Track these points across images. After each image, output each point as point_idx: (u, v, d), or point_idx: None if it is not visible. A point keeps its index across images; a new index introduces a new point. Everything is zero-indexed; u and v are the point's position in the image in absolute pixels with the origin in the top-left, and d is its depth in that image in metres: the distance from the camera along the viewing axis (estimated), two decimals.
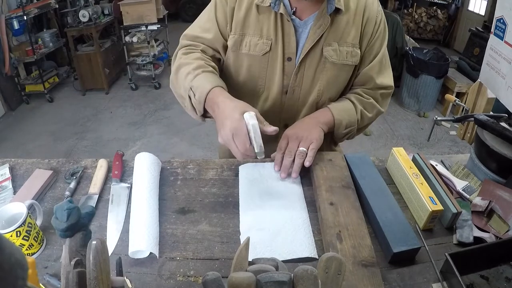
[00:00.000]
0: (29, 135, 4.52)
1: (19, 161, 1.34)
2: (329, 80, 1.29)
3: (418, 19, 7.40)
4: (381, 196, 1.08)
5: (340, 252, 0.90)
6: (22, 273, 0.41)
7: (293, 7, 1.22)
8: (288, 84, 1.30)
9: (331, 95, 1.34)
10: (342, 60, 1.25)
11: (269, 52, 1.25)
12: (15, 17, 4.80)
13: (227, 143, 1.04)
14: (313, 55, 1.25)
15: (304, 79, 1.29)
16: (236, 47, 1.27)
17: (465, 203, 1.08)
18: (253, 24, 1.24)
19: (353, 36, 1.25)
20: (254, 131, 1.01)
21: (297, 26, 1.23)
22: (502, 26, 1.36)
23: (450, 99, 1.94)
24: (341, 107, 1.30)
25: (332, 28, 1.22)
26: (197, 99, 1.16)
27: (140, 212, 1.04)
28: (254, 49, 1.25)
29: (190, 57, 1.27)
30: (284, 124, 1.38)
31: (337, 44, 1.24)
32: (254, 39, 1.24)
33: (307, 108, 1.35)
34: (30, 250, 0.96)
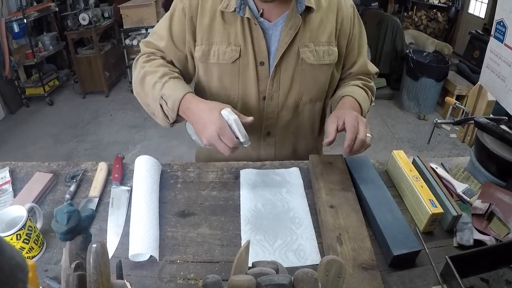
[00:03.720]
0: (29, 138, 4.52)
1: (19, 164, 1.34)
2: (309, 81, 1.27)
3: (418, 22, 7.40)
4: (381, 199, 1.08)
5: (340, 255, 0.90)
6: (22, 276, 0.41)
7: (259, 9, 1.18)
8: (265, 90, 1.26)
9: (311, 96, 1.32)
10: (320, 60, 1.23)
11: (239, 59, 1.21)
12: (15, 20, 4.81)
13: (214, 143, 1.06)
14: (289, 58, 1.22)
15: (281, 83, 1.25)
16: (204, 58, 1.24)
17: (465, 206, 1.08)
18: (219, 32, 1.20)
19: (328, 34, 1.23)
20: (237, 123, 1.05)
21: (266, 28, 1.20)
22: (502, 29, 1.36)
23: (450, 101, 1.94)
24: (361, 97, 1.28)
25: (306, 28, 1.20)
26: (170, 107, 1.15)
27: (140, 215, 1.04)
28: (223, 58, 1.21)
29: (153, 65, 1.25)
30: (267, 132, 1.35)
31: (313, 45, 1.22)
32: (222, 47, 1.21)
33: (288, 112, 1.32)
34: (30, 253, 0.96)
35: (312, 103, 1.34)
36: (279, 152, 1.42)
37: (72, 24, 5.22)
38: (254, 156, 1.41)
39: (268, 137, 1.37)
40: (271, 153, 1.41)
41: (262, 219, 1.09)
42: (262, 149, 1.40)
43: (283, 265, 0.91)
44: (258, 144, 1.39)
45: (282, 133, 1.37)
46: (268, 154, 1.41)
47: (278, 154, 1.42)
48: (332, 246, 0.93)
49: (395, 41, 5.22)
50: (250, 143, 1.08)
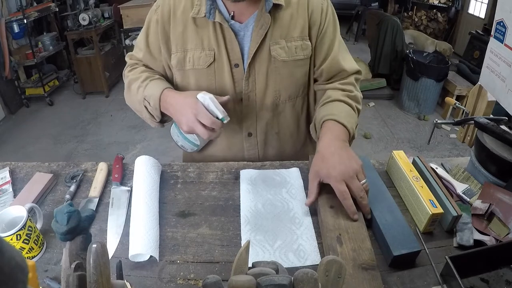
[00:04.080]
0: (29, 138, 4.52)
1: (19, 164, 1.34)
2: (284, 78, 1.26)
3: (418, 22, 7.41)
4: (381, 199, 1.08)
5: (341, 255, 0.90)
6: (22, 276, 0.41)
7: (230, 12, 1.19)
8: (241, 91, 1.26)
9: (290, 93, 1.30)
10: (292, 56, 1.23)
11: (214, 63, 1.22)
12: (15, 21, 4.82)
13: (193, 126, 1.10)
14: (261, 57, 1.21)
15: (257, 83, 1.25)
16: (180, 65, 1.25)
17: (465, 206, 1.08)
18: (193, 38, 1.21)
19: (300, 29, 1.22)
20: (213, 101, 1.09)
21: (238, 30, 1.20)
22: (502, 29, 1.36)
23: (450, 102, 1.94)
24: (344, 114, 1.20)
25: (276, 25, 1.19)
26: (153, 106, 1.21)
27: (140, 215, 1.04)
28: (198, 63, 1.23)
29: (136, 72, 1.31)
30: (248, 132, 1.35)
31: (284, 41, 1.21)
32: (196, 53, 1.22)
33: (267, 111, 1.32)
34: (30, 254, 0.96)
35: (292, 101, 1.33)
36: (263, 153, 1.41)
37: (72, 25, 5.22)
38: (239, 157, 1.41)
39: (250, 138, 1.37)
40: (254, 154, 1.41)
41: (262, 220, 1.08)
42: (245, 151, 1.40)
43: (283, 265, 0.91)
44: (241, 146, 1.39)
45: (264, 134, 1.37)
46: (252, 156, 1.41)
47: (263, 155, 1.41)
48: (332, 246, 0.93)
49: (395, 41, 5.22)
50: (229, 118, 1.11)
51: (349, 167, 1.02)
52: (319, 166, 1.06)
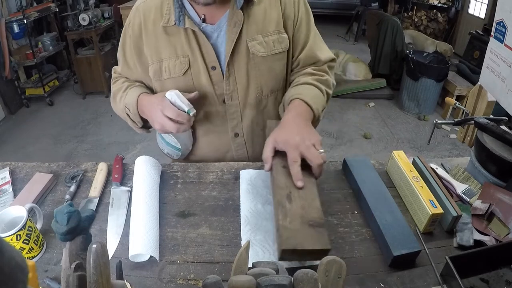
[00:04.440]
0: (29, 138, 4.52)
1: (19, 164, 1.34)
2: (265, 74, 1.26)
3: (418, 22, 7.41)
4: (381, 199, 1.08)
5: (289, 212, 0.90)
6: (22, 276, 0.41)
7: (201, 15, 1.19)
8: (222, 93, 1.27)
9: (271, 88, 1.31)
10: (271, 50, 1.23)
11: (190, 69, 1.22)
12: (15, 21, 4.81)
13: (162, 122, 1.15)
14: (239, 55, 1.21)
15: (238, 82, 1.25)
16: (158, 76, 1.26)
17: (465, 206, 1.08)
18: (166, 48, 1.22)
19: (275, 23, 1.22)
20: (178, 96, 1.14)
21: (211, 32, 1.20)
22: (502, 29, 1.36)
23: (450, 102, 1.93)
24: (312, 95, 1.21)
25: (250, 21, 1.19)
26: (132, 112, 1.27)
27: (140, 215, 1.04)
28: (174, 72, 1.23)
29: (118, 83, 1.38)
30: (234, 133, 1.36)
31: (261, 36, 1.21)
32: (171, 62, 1.22)
33: (251, 108, 1.32)
34: (30, 254, 0.96)
35: (274, 95, 1.34)
36: (252, 151, 1.42)
37: (72, 25, 5.21)
38: (228, 158, 1.42)
39: (237, 138, 1.37)
40: (243, 154, 1.41)
41: (262, 220, 1.08)
42: (233, 151, 1.40)
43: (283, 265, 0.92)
44: (229, 147, 1.40)
45: (251, 132, 1.37)
46: (241, 155, 1.41)
47: (252, 153, 1.42)
48: (282, 203, 0.93)
49: (395, 41, 5.22)
50: (195, 111, 1.16)
51: (306, 138, 1.03)
52: (277, 133, 1.08)
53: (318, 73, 1.30)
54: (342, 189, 1.21)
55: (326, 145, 4.23)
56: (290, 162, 1.00)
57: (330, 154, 4.08)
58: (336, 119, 4.80)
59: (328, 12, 8.71)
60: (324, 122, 4.66)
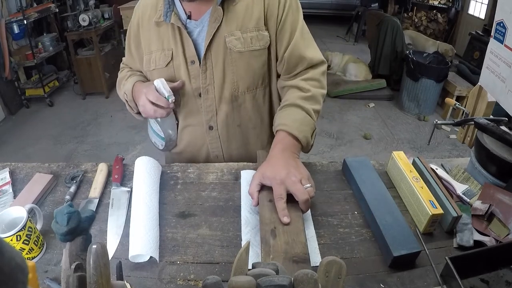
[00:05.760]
0: (29, 139, 4.52)
1: (19, 165, 1.35)
2: (241, 70, 1.28)
3: (418, 22, 7.42)
4: (381, 200, 1.08)
5: (273, 248, 0.90)
6: (22, 277, 0.41)
7: (187, 12, 1.25)
8: (198, 87, 1.30)
9: (248, 84, 1.31)
10: (248, 47, 1.24)
11: (172, 61, 1.29)
12: (15, 21, 4.81)
13: (144, 106, 1.27)
14: (217, 50, 1.25)
15: (215, 76, 1.28)
16: (148, 66, 1.35)
17: (465, 207, 1.08)
18: (155, 41, 1.31)
19: (256, 20, 1.24)
20: (162, 83, 1.23)
21: (193, 27, 1.26)
22: (502, 30, 1.36)
23: (450, 102, 1.93)
24: (298, 123, 1.19)
25: (229, 17, 1.22)
26: (129, 99, 1.37)
27: (140, 216, 1.04)
28: (159, 63, 1.31)
29: (123, 72, 1.49)
30: (209, 126, 1.38)
31: (240, 32, 1.23)
32: (157, 54, 1.31)
33: (226, 103, 1.33)
34: (30, 254, 0.96)
35: (251, 92, 1.34)
36: (226, 146, 1.43)
37: (72, 25, 5.21)
38: (204, 152, 1.47)
39: (211, 132, 1.39)
40: (218, 148, 1.43)
41: None
42: (208, 144, 1.43)
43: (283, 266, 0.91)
44: (204, 140, 1.43)
45: (226, 127, 1.38)
46: (216, 149, 1.44)
47: (227, 148, 1.44)
48: (265, 239, 0.93)
49: (395, 42, 5.23)
50: (174, 98, 1.22)
51: (293, 173, 1.04)
52: (264, 168, 1.09)
53: (305, 87, 1.27)
54: (342, 189, 1.21)
55: (326, 146, 4.23)
56: (276, 197, 1.01)
57: (330, 154, 4.09)
58: (336, 120, 4.80)
59: (328, 12, 8.72)
60: (324, 122, 4.67)
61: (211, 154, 1.45)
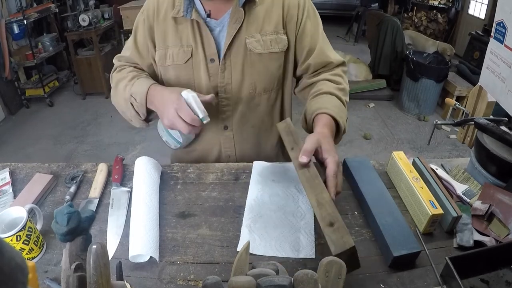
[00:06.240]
0: (29, 139, 4.52)
1: (19, 165, 1.35)
2: (260, 71, 1.29)
3: (418, 23, 7.41)
4: (381, 200, 1.08)
5: None
6: (22, 277, 0.41)
7: (207, 10, 1.24)
8: (216, 85, 1.30)
9: (265, 86, 1.33)
10: (267, 49, 1.26)
11: (191, 59, 1.28)
12: (15, 21, 4.81)
13: (173, 121, 1.13)
14: (237, 50, 1.26)
15: (233, 76, 1.29)
16: (162, 61, 1.31)
17: (465, 207, 1.08)
18: (173, 36, 1.28)
19: (274, 24, 1.26)
20: (195, 100, 1.12)
21: (213, 26, 1.25)
22: (502, 30, 1.36)
23: (450, 102, 1.93)
24: (337, 109, 1.20)
25: (250, 19, 1.24)
26: (139, 102, 1.24)
27: (140, 216, 1.04)
28: (177, 59, 1.28)
29: (124, 72, 1.36)
30: (224, 125, 1.37)
31: (259, 35, 1.25)
32: (175, 50, 1.28)
33: (243, 104, 1.34)
34: (30, 255, 0.96)
35: (267, 94, 1.35)
36: (240, 146, 1.43)
37: (72, 25, 5.21)
38: (215, 151, 1.44)
39: (225, 131, 1.39)
40: (231, 148, 1.43)
41: (266, 209, 1.11)
42: (222, 144, 1.42)
43: (277, 255, 0.94)
44: (217, 139, 1.42)
45: (241, 127, 1.38)
46: (229, 149, 1.43)
47: (240, 149, 1.43)
48: None
49: (395, 42, 5.23)
50: (209, 119, 1.13)
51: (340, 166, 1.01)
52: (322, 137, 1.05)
53: (337, 79, 1.31)
54: (342, 189, 1.21)
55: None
56: (330, 173, 0.97)
57: None
58: None
59: (328, 12, 8.70)
60: None
61: (223, 154, 1.44)
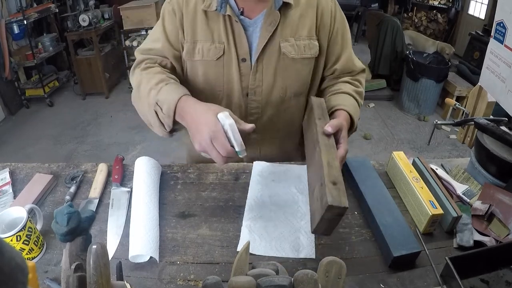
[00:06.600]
0: (29, 139, 4.52)
1: (19, 165, 1.34)
2: (291, 75, 1.28)
3: (418, 23, 7.41)
4: (381, 200, 1.08)
5: None
6: (22, 277, 0.41)
7: (240, 8, 1.21)
8: (247, 86, 1.27)
9: (295, 90, 1.32)
10: (301, 54, 1.25)
11: (223, 56, 1.23)
12: (15, 22, 4.81)
13: (207, 149, 0.98)
14: (270, 53, 1.23)
15: (264, 78, 1.26)
16: (189, 55, 1.25)
17: (465, 207, 1.08)
18: (203, 30, 1.22)
19: (308, 29, 1.24)
20: (233, 130, 0.95)
21: (247, 25, 1.22)
22: (502, 30, 1.36)
23: (450, 102, 1.93)
24: (353, 108, 1.22)
25: (285, 23, 1.22)
26: (166, 113, 1.10)
27: (140, 216, 1.04)
28: (207, 55, 1.23)
29: (150, 72, 1.22)
30: None
31: (293, 39, 1.23)
32: (206, 45, 1.23)
33: (272, 107, 1.32)
34: (31, 255, 0.96)
35: (296, 98, 1.34)
36: (264, 150, 1.42)
37: (72, 25, 5.21)
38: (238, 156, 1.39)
39: (252, 134, 1.36)
40: (255, 152, 1.42)
41: (266, 210, 1.12)
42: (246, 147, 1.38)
43: (277, 255, 0.94)
44: None
45: (267, 130, 1.37)
46: (253, 153, 1.41)
47: (264, 152, 1.42)
48: None
49: (395, 42, 5.22)
50: (246, 154, 0.99)
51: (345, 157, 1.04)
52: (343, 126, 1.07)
53: (355, 83, 1.34)
54: None
55: None
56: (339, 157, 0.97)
57: None
58: None
59: None
60: None
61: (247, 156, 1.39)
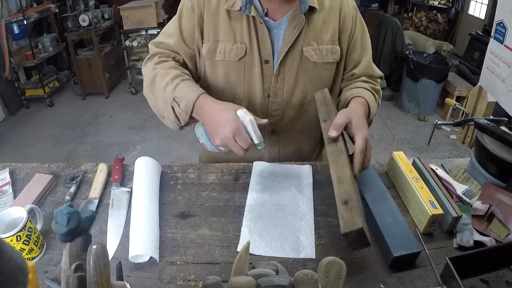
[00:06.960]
0: (29, 139, 4.52)
1: (19, 165, 1.34)
2: (313, 79, 1.28)
3: (418, 23, 7.40)
4: (381, 200, 1.08)
5: None
6: (22, 277, 0.41)
7: (264, 9, 1.20)
8: (269, 88, 1.27)
9: None
10: (323, 58, 1.25)
11: (245, 57, 1.23)
12: (15, 22, 4.81)
13: (228, 144, 1.04)
14: (293, 56, 1.23)
15: (285, 81, 1.27)
16: (210, 55, 1.25)
17: (465, 207, 1.08)
18: (225, 30, 1.21)
19: (331, 34, 1.24)
20: (252, 124, 1.04)
21: (271, 27, 1.21)
22: (502, 30, 1.36)
23: (450, 103, 1.94)
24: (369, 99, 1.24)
25: (309, 27, 1.22)
26: (183, 109, 1.12)
27: (140, 216, 1.04)
28: (229, 55, 1.23)
29: (164, 67, 1.22)
30: (271, 129, 1.36)
31: (316, 44, 1.23)
32: (228, 45, 1.22)
33: (292, 109, 1.33)
34: (31, 255, 0.96)
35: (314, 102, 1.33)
36: (283, 151, 1.42)
37: (72, 26, 5.21)
38: (256, 154, 1.40)
39: (272, 135, 1.38)
40: (275, 152, 1.42)
41: (266, 210, 1.12)
42: (266, 148, 1.40)
43: (277, 255, 0.95)
44: None
45: (287, 132, 1.38)
46: (273, 153, 1.42)
47: (283, 153, 1.43)
48: None
49: (395, 42, 5.22)
50: (264, 145, 1.07)
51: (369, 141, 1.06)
52: (352, 114, 1.08)
53: (371, 81, 1.35)
54: None
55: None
56: (357, 150, 1.01)
57: None
58: None
59: None
60: None
61: (265, 157, 1.41)
